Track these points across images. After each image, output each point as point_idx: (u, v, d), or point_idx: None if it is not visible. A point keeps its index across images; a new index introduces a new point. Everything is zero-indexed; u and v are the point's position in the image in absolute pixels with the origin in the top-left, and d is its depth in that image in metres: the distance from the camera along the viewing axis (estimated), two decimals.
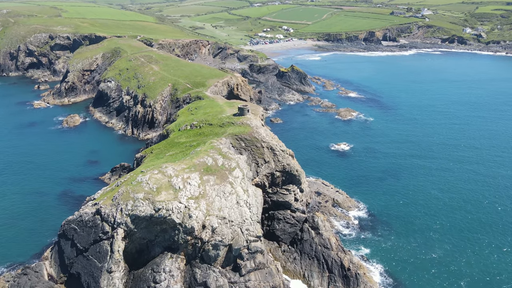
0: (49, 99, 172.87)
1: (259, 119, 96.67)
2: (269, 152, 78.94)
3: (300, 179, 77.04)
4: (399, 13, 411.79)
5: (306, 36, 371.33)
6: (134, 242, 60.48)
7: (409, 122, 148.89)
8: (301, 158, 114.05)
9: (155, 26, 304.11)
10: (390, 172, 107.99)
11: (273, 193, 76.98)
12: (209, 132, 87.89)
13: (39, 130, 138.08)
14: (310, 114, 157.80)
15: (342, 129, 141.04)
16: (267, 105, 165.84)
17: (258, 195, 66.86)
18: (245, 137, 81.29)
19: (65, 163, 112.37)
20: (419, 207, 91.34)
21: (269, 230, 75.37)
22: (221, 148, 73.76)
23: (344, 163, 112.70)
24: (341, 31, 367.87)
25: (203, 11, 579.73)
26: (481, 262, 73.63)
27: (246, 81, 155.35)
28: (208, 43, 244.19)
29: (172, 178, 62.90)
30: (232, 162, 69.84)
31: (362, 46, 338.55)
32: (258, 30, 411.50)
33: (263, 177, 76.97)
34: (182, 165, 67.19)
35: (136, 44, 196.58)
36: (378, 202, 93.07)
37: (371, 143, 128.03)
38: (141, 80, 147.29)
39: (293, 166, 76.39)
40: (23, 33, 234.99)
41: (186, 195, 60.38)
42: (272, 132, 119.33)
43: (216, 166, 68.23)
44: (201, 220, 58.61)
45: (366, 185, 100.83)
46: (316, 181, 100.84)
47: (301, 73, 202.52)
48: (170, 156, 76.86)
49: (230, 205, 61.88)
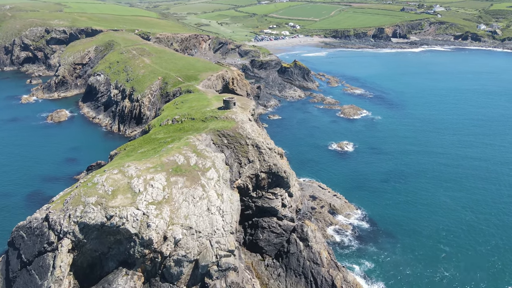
0: (39, 94, 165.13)
1: (247, 113, 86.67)
2: (254, 150, 68.93)
3: (288, 182, 66.89)
4: (410, 10, 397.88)
5: (313, 33, 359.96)
6: (84, 255, 51.00)
7: (418, 121, 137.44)
8: (297, 158, 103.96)
9: (156, 21, 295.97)
10: (395, 175, 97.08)
11: (257, 198, 66.96)
12: (190, 127, 78.29)
13: (21, 125, 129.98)
14: (311, 111, 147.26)
15: (344, 127, 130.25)
16: (265, 101, 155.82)
17: (235, 201, 56.90)
18: (228, 133, 71.42)
19: (41, 161, 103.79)
20: (428, 215, 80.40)
21: (252, 240, 65.39)
22: (196, 145, 63.96)
23: (344, 164, 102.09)
24: (349, 27, 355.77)
25: (210, 8, 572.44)
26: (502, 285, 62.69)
27: (243, 75, 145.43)
28: (209, 37, 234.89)
29: (133, 179, 53.30)
30: (207, 161, 59.98)
31: (370, 42, 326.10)
32: (264, 27, 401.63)
33: (246, 178, 66.99)
34: (147, 164, 57.57)
35: (131, 38, 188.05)
36: (381, 209, 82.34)
37: (376, 142, 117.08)
38: (130, 73, 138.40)
39: (280, 166, 66.26)
40: (18, 26, 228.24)
41: (147, 200, 50.69)
42: (265, 130, 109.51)
43: (187, 165, 58.46)
44: (162, 230, 48.86)
45: (367, 189, 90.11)
46: (311, 184, 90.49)
47: (304, 68, 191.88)
48: (141, 154, 67.32)
49: (199, 212, 52.02)
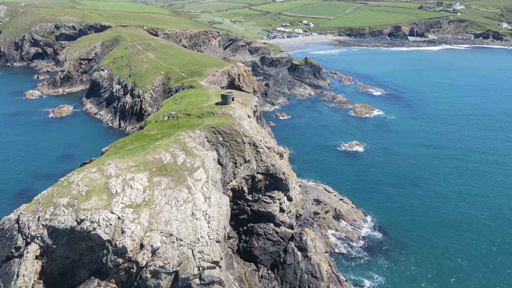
0: (43, 89, 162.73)
1: (248, 110, 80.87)
2: (251, 149, 62.98)
3: (287, 185, 60.71)
4: (429, 7, 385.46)
5: (327, 31, 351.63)
6: (55, 262, 45.92)
7: (434, 121, 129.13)
8: (303, 158, 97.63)
9: (167, 18, 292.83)
10: (408, 178, 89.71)
11: (253, 201, 61.00)
12: (185, 124, 72.89)
13: (21, 120, 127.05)
14: (321, 110, 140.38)
15: (355, 126, 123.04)
16: (273, 99, 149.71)
17: (224, 205, 51.05)
18: (224, 130, 65.68)
19: (38, 157, 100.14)
20: (445, 224, 73.07)
21: (247, 248, 59.46)
22: (186, 142, 58.38)
23: (353, 166, 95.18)
24: (364, 25, 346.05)
25: (224, 7, 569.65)
26: None
27: (249, 71, 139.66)
28: (219, 34, 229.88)
29: (111, 178, 48.02)
30: (196, 161, 54.32)
31: (386, 41, 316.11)
32: (278, 25, 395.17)
33: (242, 180, 61.09)
34: (129, 162, 52.26)
35: (138, 33, 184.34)
36: (392, 216, 75.35)
37: (388, 143, 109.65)
38: (133, 68, 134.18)
39: (279, 167, 60.14)
40: (29, 22, 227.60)
41: (123, 202, 45.32)
42: (270, 128, 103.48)
43: (174, 164, 52.91)
44: (138, 236, 43.39)
45: (377, 193, 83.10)
46: (317, 186, 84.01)
47: (315, 66, 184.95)
48: (128, 151, 62.14)
49: (183, 217, 46.38)
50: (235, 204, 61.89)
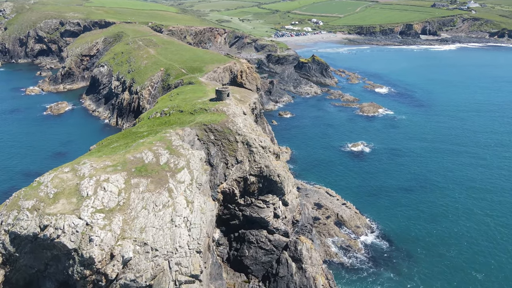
0: (44, 86, 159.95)
1: (245, 107, 75.82)
2: (244, 148, 57.91)
3: (283, 188, 55.47)
4: (442, 6, 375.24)
5: (336, 29, 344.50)
6: (19, 271, 41.53)
7: (446, 121, 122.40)
8: (305, 159, 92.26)
9: (173, 15, 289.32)
10: (418, 182, 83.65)
11: (245, 205, 55.91)
12: (176, 121, 68.25)
13: (18, 117, 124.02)
14: (327, 109, 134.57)
15: (362, 126, 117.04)
16: (278, 97, 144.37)
17: (208, 210, 46.03)
18: (216, 128, 60.73)
19: (29, 154, 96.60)
20: (458, 234, 67.06)
21: (237, 257, 54.40)
22: (171, 140, 53.56)
23: (358, 168, 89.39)
24: (375, 23, 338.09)
25: (233, 6, 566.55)
26: None
27: (253, 68, 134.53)
28: (225, 31, 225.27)
29: (84, 179, 43.43)
30: (181, 161, 49.44)
31: (397, 39, 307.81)
32: (286, 23, 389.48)
33: (233, 182, 56.07)
34: (106, 161, 47.63)
35: (142, 29, 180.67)
36: (399, 223, 69.54)
37: (397, 144, 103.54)
38: (132, 64, 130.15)
39: (273, 169, 54.93)
40: (34, 18, 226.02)
41: (94, 206, 40.64)
42: (270, 126, 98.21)
43: (155, 164, 48.13)
44: (108, 245, 38.64)
45: (384, 198, 77.28)
46: (318, 189, 78.54)
47: (323, 64, 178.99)
48: (111, 149, 57.55)
49: (160, 223, 41.52)
50: (225, 209, 56.94)
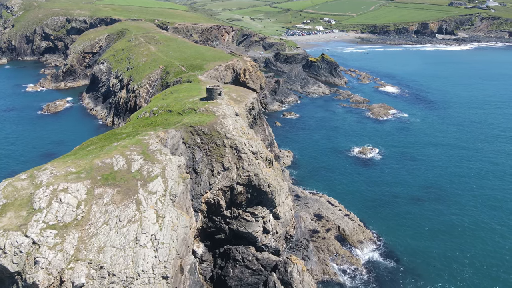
0: (45, 83, 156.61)
1: (241, 107, 69.65)
2: (232, 154, 51.68)
3: (274, 200, 49.05)
4: (459, 4, 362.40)
5: (349, 28, 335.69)
6: None
7: (463, 125, 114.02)
8: (308, 164, 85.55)
9: (181, 13, 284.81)
10: (431, 193, 76.12)
11: (232, 218, 49.68)
12: (162, 121, 62.64)
13: (13, 115, 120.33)
14: (334, 110, 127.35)
15: (371, 129, 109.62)
16: (283, 97, 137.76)
17: (181, 227, 39.88)
18: (203, 130, 54.68)
19: (16, 155, 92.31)
20: (473, 251, 59.58)
21: (220, 276, 48.19)
22: (149, 144, 47.68)
23: (365, 175, 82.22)
24: (389, 22, 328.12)
25: (246, 5, 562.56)
26: None
27: (256, 66, 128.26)
28: (232, 29, 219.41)
29: (40, 188, 37.81)
30: (156, 168, 43.48)
31: (412, 39, 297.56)
32: (298, 22, 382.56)
33: (218, 192, 49.89)
34: (70, 167, 41.94)
35: (146, 26, 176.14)
36: (408, 238, 62.37)
37: (408, 149, 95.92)
38: (132, 62, 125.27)
39: (263, 178, 48.56)
40: (41, 15, 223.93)
41: (46, 221, 34.95)
42: (270, 128, 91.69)
43: (126, 172, 42.27)
44: (57, 269, 32.89)
45: (392, 209, 70.10)
46: (319, 198, 71.79)
47: (332, 63, 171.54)
48: (85, 152, 52.08)
49: (122, 242, 35.59)
50: (210, 221, 50.83)
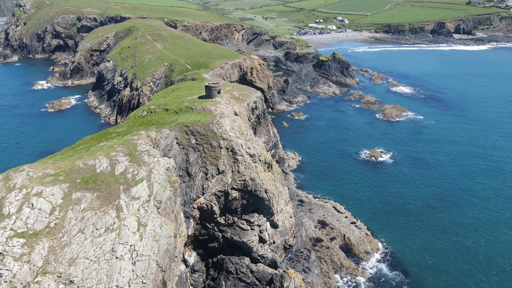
0: (53, 81, 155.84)
1: (242, 106, 65.94)
2: (228, 156, 47.97)
3: (271, 207, 45.16)
4: (478, 3, 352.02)
5: (362, 28, 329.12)
6: None
7: (480, 128, 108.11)
8: (314, 167, 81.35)
9: (192, 11, 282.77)
10: (445, 200, 71.14)
11: (226, 226, 45.99)
12: (157, 120, 59.39)
13: (18, 112, 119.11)
14: (344, 111, 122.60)
15: (382, 131, 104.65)
16: (292, 97, 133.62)
17: (164, 237, 36.28)
18: (198, 130, 51.12)
19: (14, 153, 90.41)
20: (490, 267, 54.61)
21: None
22: (137, 144, 44.34)
23: (374, 180, 77.56)
24: (404, 22, 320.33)
25: (259, 4, 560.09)
26: None
27: (264, 64, 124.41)
28: (242, 28, 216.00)
29: (12, 192, 34.74)
30: (142, 170, 40.06)
31: (428, 38, 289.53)
32: (311, 22, 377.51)
33: (212, 197, 46.24)
34: (49, 168, 38.83)
35: (154, 24, 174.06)
36: (419, 250, 57.69)
37: (421, 153, 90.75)
38: (137, 59, 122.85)
39: (260, 183, 44.73)
40: (52, 14, 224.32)
41: (14, 229, 31.80)
42: (275, 129, 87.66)
43: (109, 174, 38.94)
44: (22, 283, 29.65)
45: (402, 218, 65.43)
46: (325, 204, 67.57)
47: (344, 62, 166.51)
48: (74, 152, 49.11)
49: (97, 254, 32.21)
50: (203, 228, 47.22)
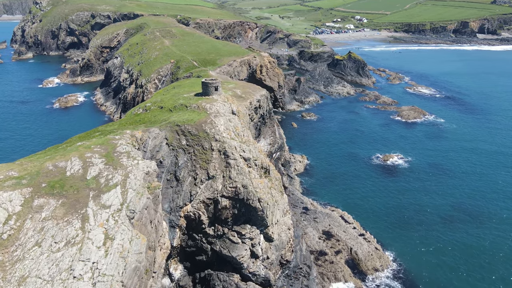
0: (63, 78, 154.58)
1: (244, 104, 61.03)
2: (220, 159, 43.12)
3: (265, 218, 40.06)
4: (503, 2, 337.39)
5: (381, 27, 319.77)
6: None
7: (505, 132, 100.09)
8: (323, 171, 75.78)
9: (207, 10, 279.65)
10: (466, 211, 64.49)
11: (215, 237, 41.16)
12: (150, 119, 55.15)
13: (24, 108, 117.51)
14: (359, 112, 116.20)
15: (398, 134, 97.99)
16: (303, 96, 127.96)
17: (133, 253, 31.62)
18: (190, 130, 46.51)
19: (13, 150, 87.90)
20: None
21: None
22: (117, 145, 39.96)
23: (388, 188, 71.40)
24: (425, 21, 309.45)
25: (276, 3, 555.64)
26: None
27: (275, 62, 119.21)
28: (256, 25, 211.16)
29: None
30: (117, 174, 35.59)
31: (450, 38, 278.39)
32: (328, 21, 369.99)
33: (200, 205, 41.48)
34: (13, 170, 34.79)
35: (165, 21, 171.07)
36: (435, 269, 51.53)
37: (440, 158, 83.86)
38: (143, 56, 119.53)
39: (252, 191, 39.69)
40: (67, 11, 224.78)
41: None
42: (282, 130, 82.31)
43: (79, 179, 34.60)
44: None
45: (417, 230, 59.20)
46: (331, 212, 61.99)
47: (360, 61, 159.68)
48: (56, 151, 45.22)
49: (52, 272, 27.81)
50: (190, 239, 42.51)
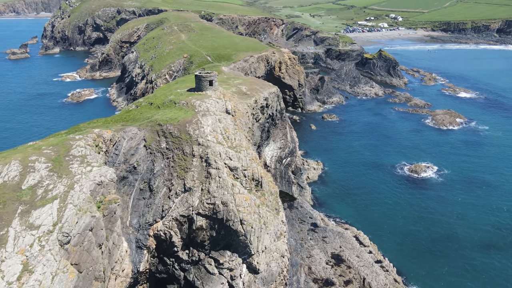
0: (82, 73, 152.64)
1: (246, 102, 53.02)
2: (201, 168, 35.44)
3: (248, 244, 31.91)
4: None
5: (417, 26, 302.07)
6: None
7: None
8: (339, 181, 66.66)
9: (235, 6, 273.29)
10: (511, 238, 53.57)
11: (190, 263, 33.49)
12: (134, 116, 48.86)
13: (36, 102, 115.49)
14: (386, 114, 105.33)
15: (430, 141, 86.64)
16: (326, 96, 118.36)
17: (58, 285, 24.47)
18: (171, 131, 39.19)
19: (12, 145, 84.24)
20: None
21: None
22: (72, 146, 33.12)
23: (414, 203, 61.15)
24: (465, 19, 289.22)
25: (308, 2, 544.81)
26: None
27: (295, 59, 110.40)
28: (282, 22, 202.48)
29: None
30: (60, 184, 28.66)
31: (493, 38, 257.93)
32: (360, 19, 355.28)
33: (172, 222, 33.97)
34: None
35: (187, 16, 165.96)
36: None
37: (479, 171, 72.32)
38: (157, 50, 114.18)
39: (233, 209, 31.65)
40: (94, 6, 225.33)
41: None
42: (295, 132, 73.48)
43: (12, 188, 27.90)
44: None
45: (449, 260, 49.02)
46: (344, 231, 52.90)
47: (391, 60, 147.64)
48: (14, 151, 39.27)
49: None
50: (161, 263, 35.07)
